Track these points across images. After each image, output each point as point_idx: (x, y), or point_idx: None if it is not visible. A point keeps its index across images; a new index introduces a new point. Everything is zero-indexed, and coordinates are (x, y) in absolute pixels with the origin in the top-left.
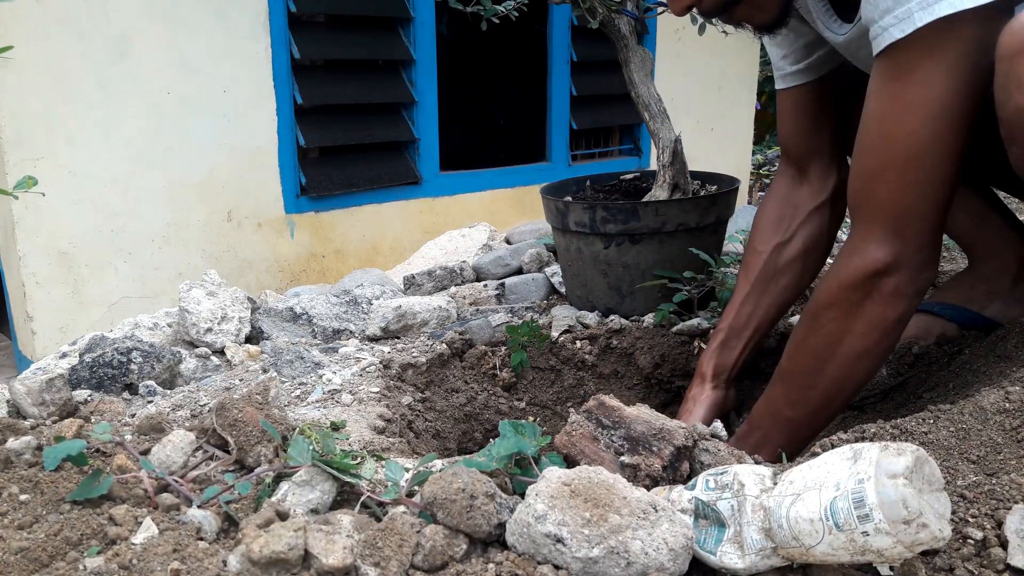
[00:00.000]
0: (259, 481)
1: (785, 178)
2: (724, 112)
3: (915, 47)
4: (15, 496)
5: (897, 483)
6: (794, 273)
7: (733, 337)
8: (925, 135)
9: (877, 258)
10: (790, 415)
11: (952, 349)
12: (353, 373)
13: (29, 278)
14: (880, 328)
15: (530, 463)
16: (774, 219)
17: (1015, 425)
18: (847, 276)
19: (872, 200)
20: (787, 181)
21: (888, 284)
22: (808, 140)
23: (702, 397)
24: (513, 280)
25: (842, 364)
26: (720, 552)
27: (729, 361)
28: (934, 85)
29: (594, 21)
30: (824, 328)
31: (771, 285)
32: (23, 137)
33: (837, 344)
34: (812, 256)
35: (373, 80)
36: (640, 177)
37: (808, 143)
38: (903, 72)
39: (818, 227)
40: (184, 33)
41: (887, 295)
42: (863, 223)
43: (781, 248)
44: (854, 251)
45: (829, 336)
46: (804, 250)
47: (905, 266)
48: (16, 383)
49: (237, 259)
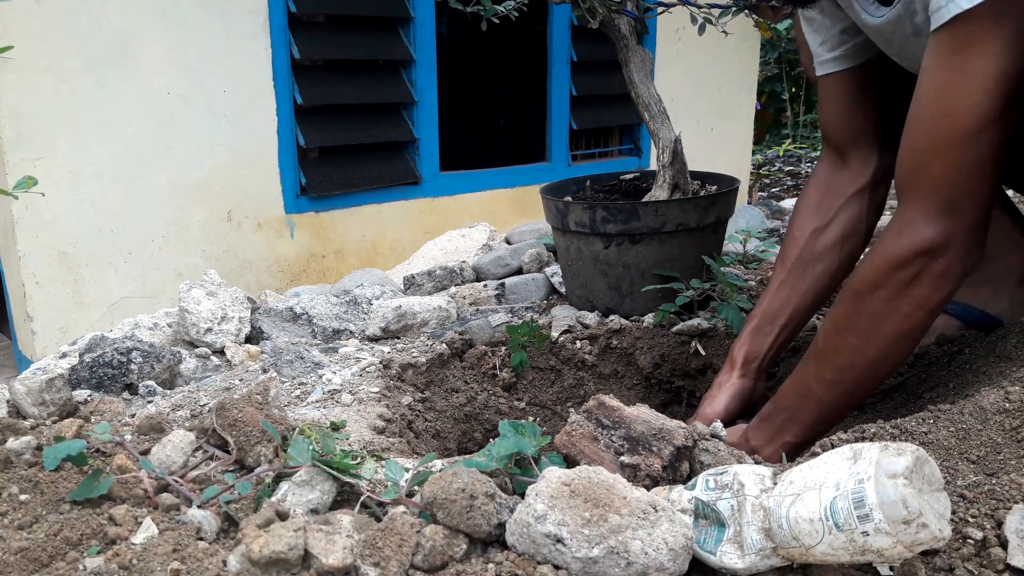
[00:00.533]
0: (259, 481)
1: (825, 163)
2: (724, 112)
3: (980, 18)
4: (15, 496)
5: (897, 483)
6: (831, 259)
7: (767, 324)
8: (985, 110)
9: (927, 237)
10: (822, 396)
11: (952, 349)
12: (353, 373)
13: (29, 278)
14: (925, 309)
15: (530, 463)
16: (814, 204)
17: (1015, 425)
18: (896, 255)
19: (925, 177)
20: (827, 166)
21: (938, 265)
22: (849, 126)
23: (728, 384)
24: (513, 280)
25: (883, 345)
26: (720, 552)
27: (761, 349)
28: (997, 58)
29: (594, 21)
30: (868, 308)
31: (808, 271)
32: (23, 137)
33: (880, 325)
34: (850, 242)
35: (373, 80)
36: (640, 177)
37: (850, 129)
38: (966, 44)
39: (857, 212)
40: (184, 33)
41: (936, 276)
42: (914, 201)
43: (819, 233)
44: (903, 229)
45: (873, 316)
46: (842, 236)
47: (955, 246)
48: (16, 383)
49: (237, 259)
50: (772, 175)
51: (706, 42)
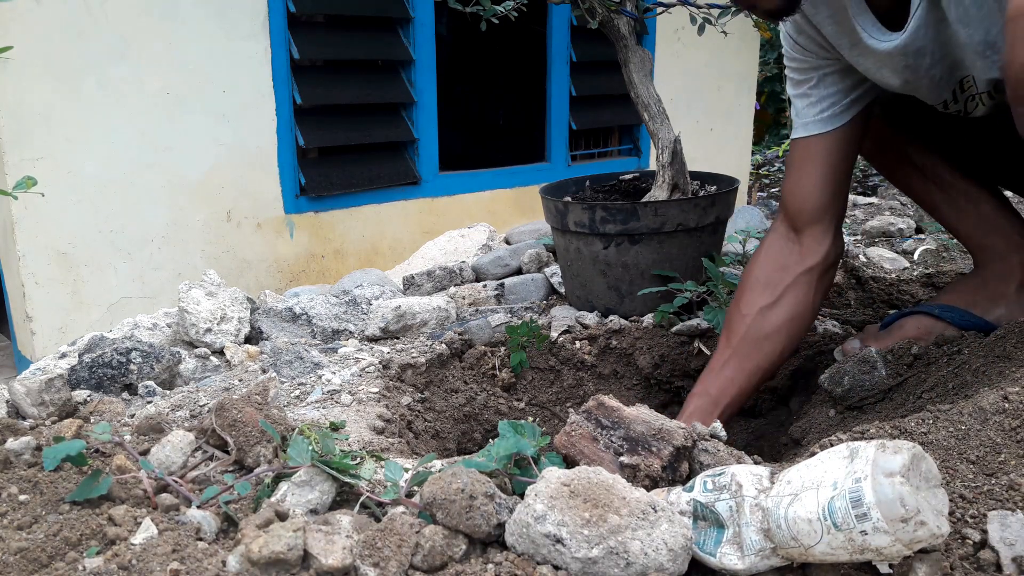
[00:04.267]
0: (258, 481)
1: (778, 235)
2: (724, 112)
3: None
4: (14, 496)
5: (894, 481)
6: (778, 341)
7: (710, 405)
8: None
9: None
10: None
11: (951, 349)
12: (352, 373)
13: (29, 278)
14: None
15: (529, 463)
16: (762, 280)
17: (1014, 425)
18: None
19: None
20: (779, 239)
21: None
22: (818, 198)
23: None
24: (512, 280)
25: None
26: (720, 553)
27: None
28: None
29: (593, 21)
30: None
31: (754, 352)
32: (23, 137)
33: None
34: (796, 324)
35: (373, 80)
36: (639, 177)
37: (817, 201)
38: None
39: (804, 293)
40: (183, 33)
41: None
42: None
43: (766, 311)
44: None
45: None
46: (789, 318)
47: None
48: (16, 383)
49: (236, 259)
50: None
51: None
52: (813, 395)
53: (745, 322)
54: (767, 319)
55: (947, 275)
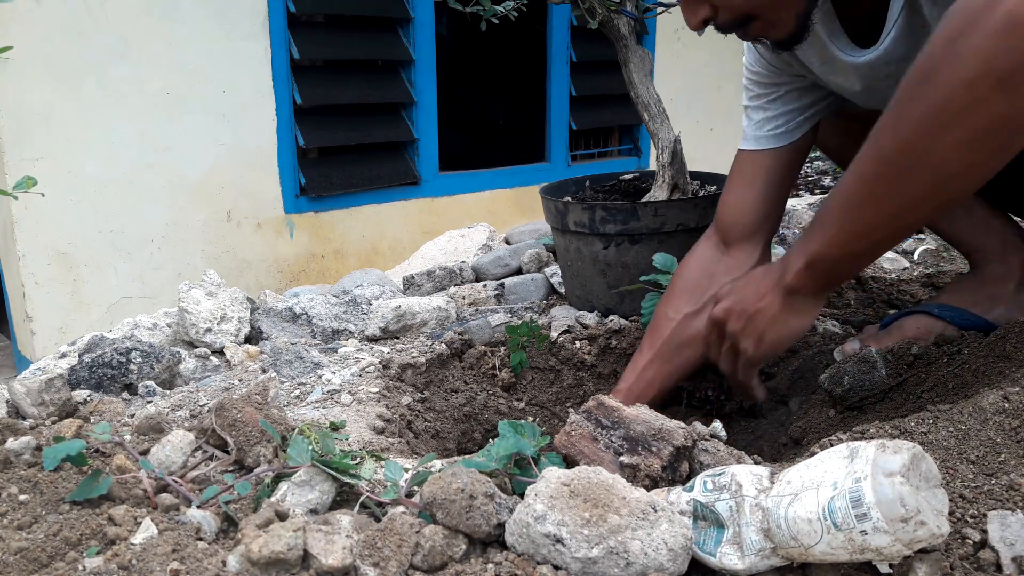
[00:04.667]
0: (258, 481)
1: (708, 244)
2: (724, 112)
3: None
4: (14, 496)
5: (894, 481)
6: (697, 347)
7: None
8: None
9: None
10: (854, 189)
11: (951, 349)
12: (352, 373)
13: (29, 278)
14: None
15: (529, 463)
16: (690, 287)
17: (1014, 425)
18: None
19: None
20: (710, 247)
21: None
22: (751, 211)
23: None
24: (512, 280)
25: (931, 108)
26: (720, 553)
27: None
28: None
29: (593, 21)
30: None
31: (675, 356)
32: (23, 137)
33: (930, 80)
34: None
35: (373, 80)
36: (639, 177)
37: (753, 216)
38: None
39: None
40: (183, 33)
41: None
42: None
43: (691, 319)
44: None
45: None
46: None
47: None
48: (15, 383)
49: (236, 259)
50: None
51: (706, 42)
52: (813, 395)
53: (669, 326)
54: (690, 325)
55: (947, 275)
